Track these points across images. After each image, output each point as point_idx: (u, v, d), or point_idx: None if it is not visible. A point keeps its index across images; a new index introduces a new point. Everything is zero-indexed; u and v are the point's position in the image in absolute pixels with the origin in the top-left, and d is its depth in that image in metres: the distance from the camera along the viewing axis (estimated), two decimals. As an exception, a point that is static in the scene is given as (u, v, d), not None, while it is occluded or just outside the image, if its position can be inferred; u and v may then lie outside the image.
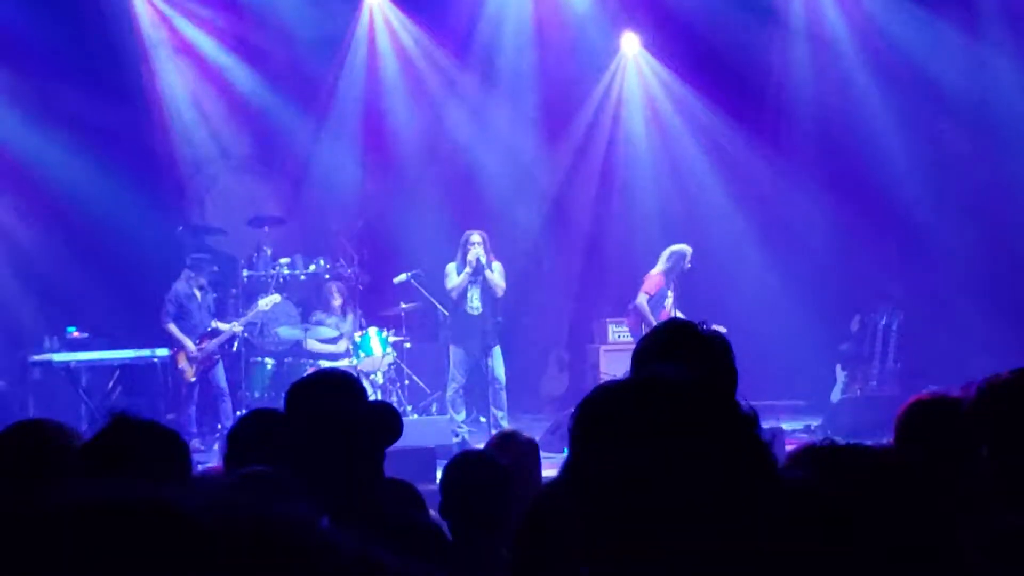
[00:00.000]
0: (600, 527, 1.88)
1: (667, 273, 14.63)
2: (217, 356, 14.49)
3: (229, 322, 14.56)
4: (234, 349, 14.76)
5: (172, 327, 14.30)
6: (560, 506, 2.00)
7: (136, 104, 16.44)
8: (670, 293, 14.67)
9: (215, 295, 14.89)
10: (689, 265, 14.73)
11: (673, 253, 14.68)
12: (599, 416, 1.96)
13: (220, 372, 14.52)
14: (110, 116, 15.97)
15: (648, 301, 14.53)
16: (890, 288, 16.34)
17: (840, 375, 15.94)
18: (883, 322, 15.77)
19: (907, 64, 16.47)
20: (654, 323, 14.48)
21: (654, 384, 1.96)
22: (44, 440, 3.91)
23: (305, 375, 5.21)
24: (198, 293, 14.47)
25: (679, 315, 14.68)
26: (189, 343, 14.28)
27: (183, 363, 14.30)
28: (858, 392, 15.54)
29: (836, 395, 15.84)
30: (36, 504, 1.37)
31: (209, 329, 14.39)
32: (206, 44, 16.98)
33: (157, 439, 3.67)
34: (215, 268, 14.91)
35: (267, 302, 14.52)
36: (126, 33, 16.35)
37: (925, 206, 16.44)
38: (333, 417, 4.49)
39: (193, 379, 14.28)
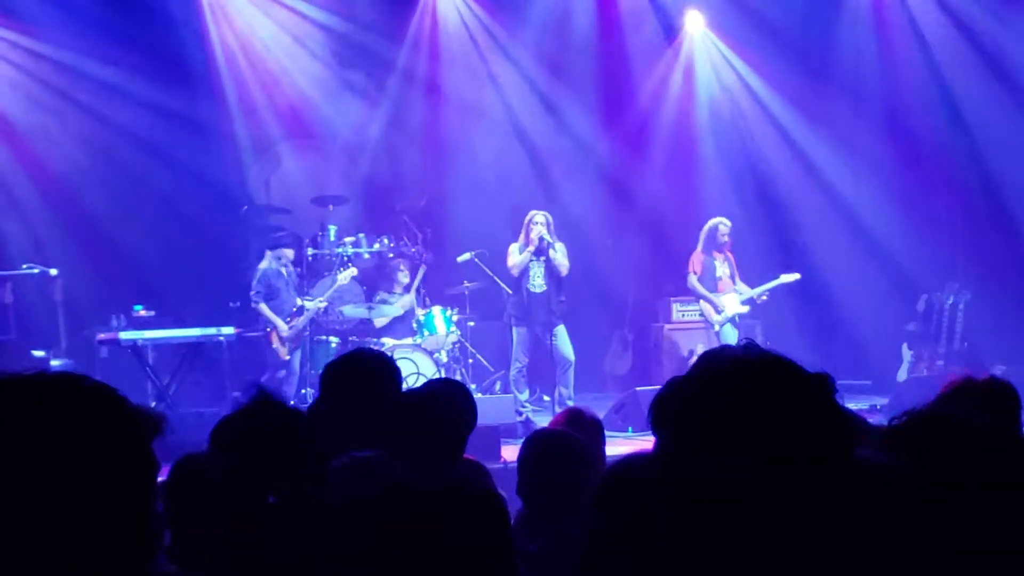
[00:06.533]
0: (691, 510, 1.88)
1: (705, 249, 14.75)
2: (306, 333, 14.56)
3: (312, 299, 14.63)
4: (299, 327, 14.84)
5: (264, 307, 14.27)
6: (639, 485, 2.00)
7: (200, 85, 16.55)
8: (719, 267, 14.72)
9: (301, 270, 14.94)
10: (725, 238, 14.76)
11: (706, 228, 14.81)
12: (679, 398, 1.95)
13: (299, 353, 14.58)
14: (174, 98, 16.13)
15: (699, 280, 14.68)
16: (957, 268, 16.22)
17: (906, 355, 15.85)
18: (949, 302, 15.64)
19: (973, 43, 16.29)
20: (711, 299, 14.59)
21: (733, 362, 1.95)
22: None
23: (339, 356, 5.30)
24: (284, 271, 14.51)
25: (741, 288, 14.77)
26: (281, 323, 14.27)
27: (276, 343, 14.31)
28: (924, 372, 15.43)
29: (902, 375, 15.76)
30: None
31: (295, 308, 14.43)
32: (268, 25, 17.05)
33: (293, 420, 3.68)
34: (293, 246, 14.99)
35: (346, 275, 14.57)
36: (189, 15, 16.44)
37: (993, 186, 16.26)
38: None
39: (287, 357, 14.30)
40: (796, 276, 14.87)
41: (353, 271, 14.71)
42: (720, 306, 14.61)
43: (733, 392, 1.91)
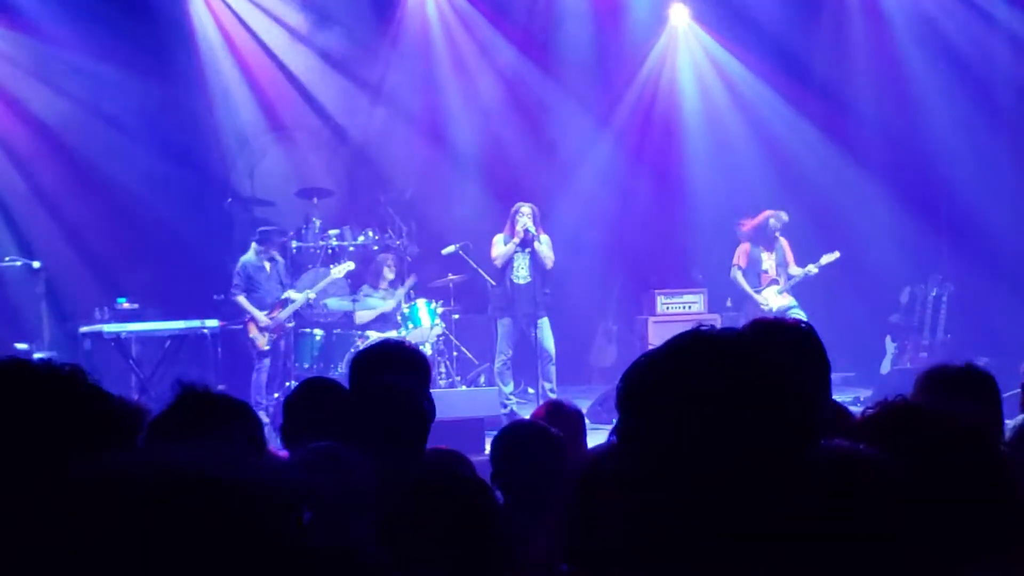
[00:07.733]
0: (647, 494, 1.87)
1: (753, 240, 14.86)
2: (291, 324, 14.57)
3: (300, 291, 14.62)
4: (282, 319, 14.82)
5: (242, 299, 14.36)
6: (609, 473, 2.00)
7: (184, 76, 16.48)
8: (765, 260, 14.81)
9: (286, 263, 14.91)
10: (779, 228, 14.89)
11: (757, 221, 14.98)
12: (642, 383, 1.95)
13: (281, 344, 14.55)
14: (158, 88, 16.08)
15: (743, 274, 14.80)
16: (940, 259, 16.24)
17: (890, 346, 15.87)
18: (933, 294, 15.66)
19: (959, 43, 16.34)
20: (751, 294, 14.68)
21: (693, 346, 1.95)
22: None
23: (365, 347, 5.27)
24: (267, 265, 14.50)
25: (793, 271, 14.87)
26: (259, 314, 14.32)
27: (254, 333, 14.36)
28: (908, 364, 15.44)
29: (886, 366, 15.77)
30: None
31: (281, 299, 14.43)
32: (252, 15, 16.98)
33: (228, 411, 3.66)
34: (283, 239, 14.99)
35: (340, 269, 14.62)
36: (173, 7, 16.37)
37: (977, 178, 16.29)
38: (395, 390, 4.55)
39: (267, 347, 14.33)
40: (836, 255, 15.03)
41: (350, 265, 14.75)
42: (763, 302, 14.73)
43: (692, 374, 1.90)
